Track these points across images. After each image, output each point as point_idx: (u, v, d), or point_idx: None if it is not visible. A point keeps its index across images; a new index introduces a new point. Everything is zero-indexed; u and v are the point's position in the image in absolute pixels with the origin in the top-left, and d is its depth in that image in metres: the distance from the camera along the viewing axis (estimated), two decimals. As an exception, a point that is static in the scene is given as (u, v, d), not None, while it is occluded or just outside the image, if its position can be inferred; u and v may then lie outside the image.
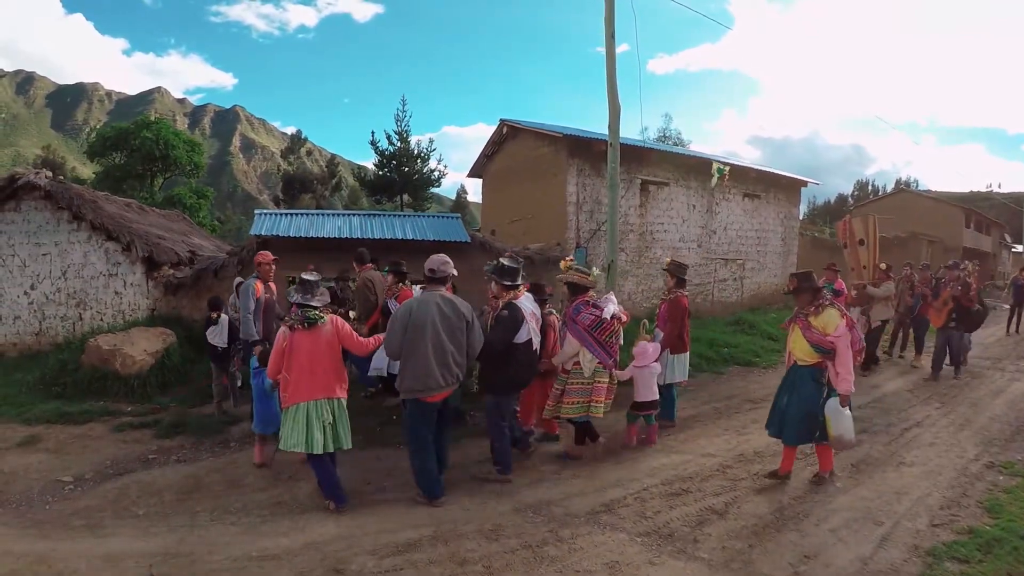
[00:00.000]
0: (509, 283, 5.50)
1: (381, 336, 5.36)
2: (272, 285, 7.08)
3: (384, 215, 12.82)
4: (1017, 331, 16.16)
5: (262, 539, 4.49)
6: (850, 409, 5.29)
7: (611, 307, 5.90)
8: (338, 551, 4.27)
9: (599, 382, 5.87)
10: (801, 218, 21.13)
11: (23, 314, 10.73)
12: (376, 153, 29.98)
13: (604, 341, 5.80)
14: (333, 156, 56.34)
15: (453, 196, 64.24)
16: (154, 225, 13.17)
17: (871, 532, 4.59)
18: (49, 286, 10.71)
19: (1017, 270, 18.14)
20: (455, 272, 5.28)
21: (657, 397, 6.58)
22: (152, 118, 34.32)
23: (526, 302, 5.63)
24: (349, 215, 12.26)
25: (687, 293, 7.28)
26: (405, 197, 30.59)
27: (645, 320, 6.95)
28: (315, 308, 4.95)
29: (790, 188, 18.79)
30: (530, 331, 5.53)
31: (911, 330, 11.77)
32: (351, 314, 7.97)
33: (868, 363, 10.34)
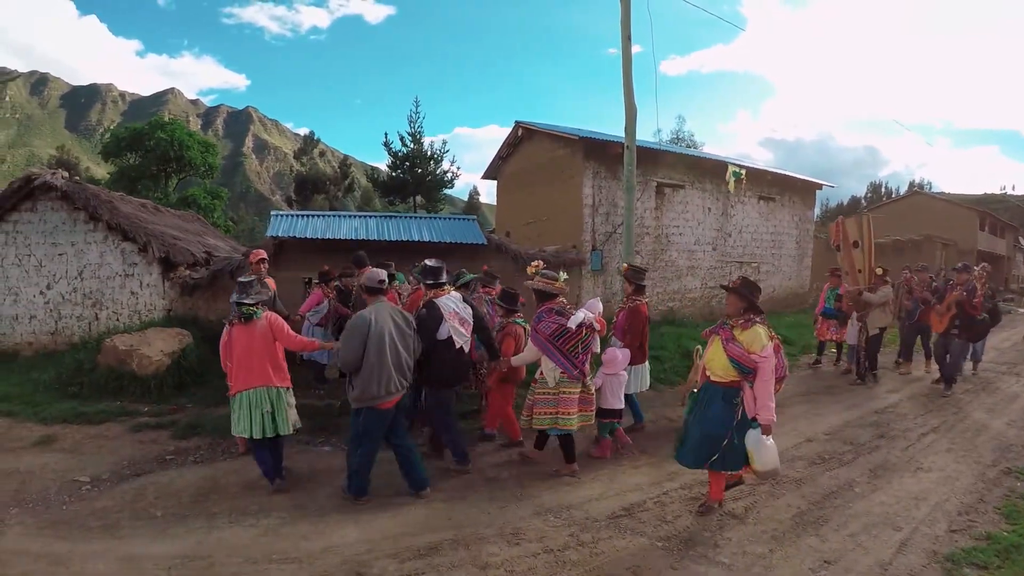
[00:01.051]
0: (431, 282, 5.72)
1: (319, 341, 6.23)
2: (269, 281, 7.55)
3: (400, 217, 12.90)
4: None
5: (281, 542, 4.52)
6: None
7: (580, 315, 5.66)
8: (358, 555, 4.31)
9: (565, 393, 5.67)
10: (815, 221, 21.06)
11: (39, 313, 10.79)
12: (389, 154, 30.06)
13: (567, 351, 5.58)
14: (346, 157, 56.35)
15: (466, 197, 64.45)
16: (169, 225, 13.20)
17: (890, 537, 4.63)
18: (65, 286, 10.77)
19: None
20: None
21: (622, 406, 6.48)
22: (166, 119, 34.47)
23: (448, 301, 5.66)
24: (365, 217, 12.33)
25: (647, 300, 7.06)
26: (418, 198, 30.68)
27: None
28: (250, 305, 5.39)
29: (804, 190, 18.74)
30: (450, 330, 5.57)
31: (910, 338, 11.17)
32: None
33: (861, 373, 10.04)
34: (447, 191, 33.29)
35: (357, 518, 4.93)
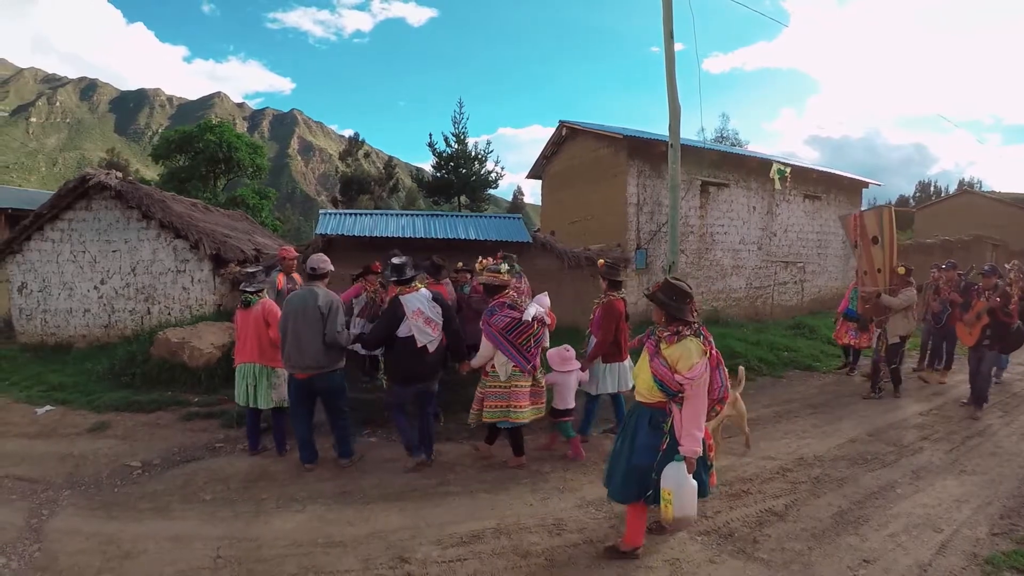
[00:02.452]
0: (396, 279, 5.84)
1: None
2: (296, 276, 7.91)
3: (446, 215, 13.11)
4: None
5: (327, 527, 4.68)
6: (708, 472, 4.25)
7: (533, 309, 5.72)
8: (403, 540, 4.46)
9: (517, 386, 5.72)
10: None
11: (92, 307, 11.27)
12: (434, 155, 30.41)
13: (520, 344, 5.65)
14: (390, 158, 56.89)
15: (510, 198, 64.62)
16: (219, 224, 13.61)
17: (930, 539, 4.62)
18: (119, 281, 11.22)
19: None
20: (332, 268, 6.08)
21: (572, 405, 6.39)
22: (215, 121, 35.27)
23: (415, 299, 5.69)
24: (412, 215, 12.56)
25: (623, 296, 6.83)
26: (462, 198, 30.95)
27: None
28: (249, 292, 6.26)
29: (851, 189, 18.42)
30: (412, 327, 5.59)
31: (936, 342, 10.44)
32: None
33: (875, 384, 9.05)
34: (491, 191, 33.52)
35: (403, 506, 5.09)
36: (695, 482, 3.93)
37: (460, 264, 8.62)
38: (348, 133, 59.77)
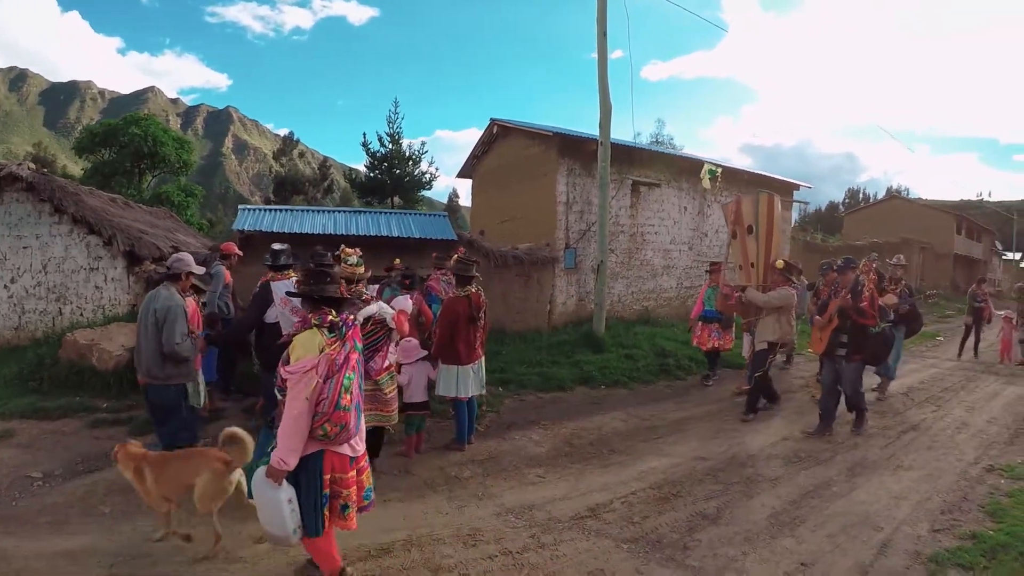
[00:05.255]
0: (270, 264, 5.69)
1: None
2: (226, 273, 7.67)
3: (370, 212, 12.59)
4: (975, 355, 13.21)
5: (227, 541, 4.24)
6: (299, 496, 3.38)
7: (371, 308, 5.24)
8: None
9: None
10: (792, 225, 20.93)
11: (2, 308, 10.52)
12: (367, 155, 29.82)
13: None
14: (325, 158, 55.85)
15: (445, 200, 64.20)
16: (138, 220, 12.92)
17: (870, 538, 4.41)
18: (29, 280, 10.49)
19: (975, 283, 14.36)
20: (196, 270, 5.53)
21: (425, 399, 6.16)
22: (141, 115, 33.85)
23: (283, 286, 5.48)
24: (334, 211, 12.06)
25: (472, 293, 6.23)
26: (396, 199, 30.36)
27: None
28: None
29: (782, 192, 18.60)
30: (279, 315, 5.44)
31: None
32: None
33: (752, 403, 7.70)
34: (425, 193, 32.99)
35: None
36: (282, 497, 3.28)
37: (397, 261, 8.32)
38: (283, 132, 58.45)
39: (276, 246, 5.76)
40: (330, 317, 3.41)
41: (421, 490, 5.26)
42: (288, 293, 5.05)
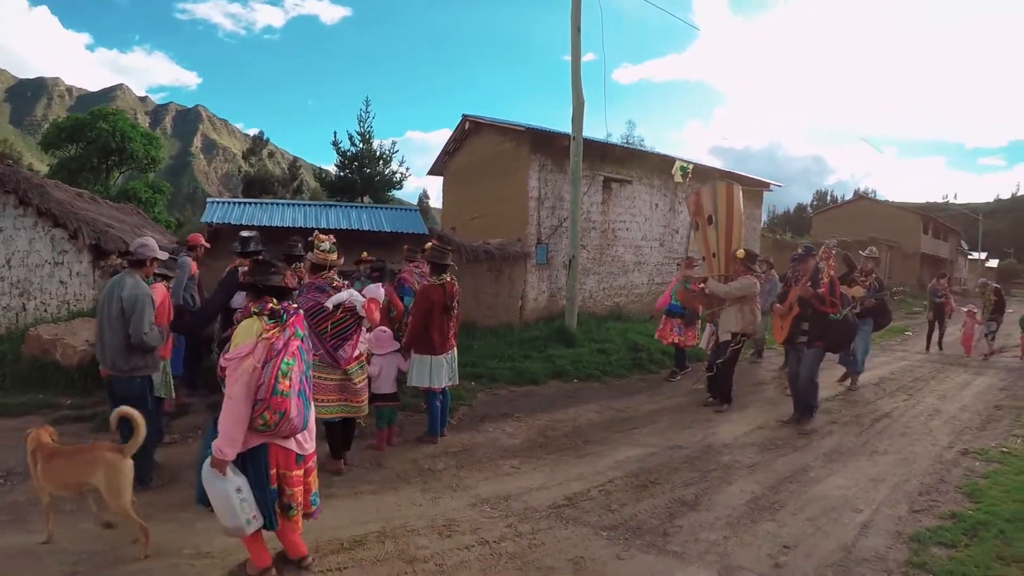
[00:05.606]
0: (239, 251, 5.86)
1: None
2: (192, 265, 7.42)
3: (340, 206, 12.36)
4: (940, 347, 13.71)
5: (196, 536, 4.12)
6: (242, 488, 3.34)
7: (342, 296, 5.14)
8: (277, 547, 3.83)
9: (318, 378, 5.02)
10: (762, 224, 21.15)
11: None
12: (338, 154, 29.41)
13: (318, 331, 5.00)
14: (295, 159, 55.14)
15: (415, 201, 63.86)
16: (105, 215, 12.56)
17: (851, 520, 4.39)
18: None
19: (935, 278, 14.92)
20: (159, 255, 5.28)
21: (394, 390, 6.02)
22: (110, 110, 33.04)
23: None
24: (305, 205, 11.84)
25: (446, 281, 6.09)
26: (366, 199, 30.02)
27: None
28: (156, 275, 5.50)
29: (753, 191, 18.78)
30: (241, 299, 5.28)
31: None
32: None
33: (725, 391, 7.62)
34: (396, 193, 32.62)
35: None
36: (229, 488, 3.26)
37: (364, 254, 8.25)
38: (253, 132, 57.43)
39: (245, 233, 5.81)
40: (271, 304, 3.37)
41: (394, 482, 5.12)
42: (236, 285, 4.94)
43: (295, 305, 3.59)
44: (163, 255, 5.38)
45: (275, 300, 3.41)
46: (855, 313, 7.30)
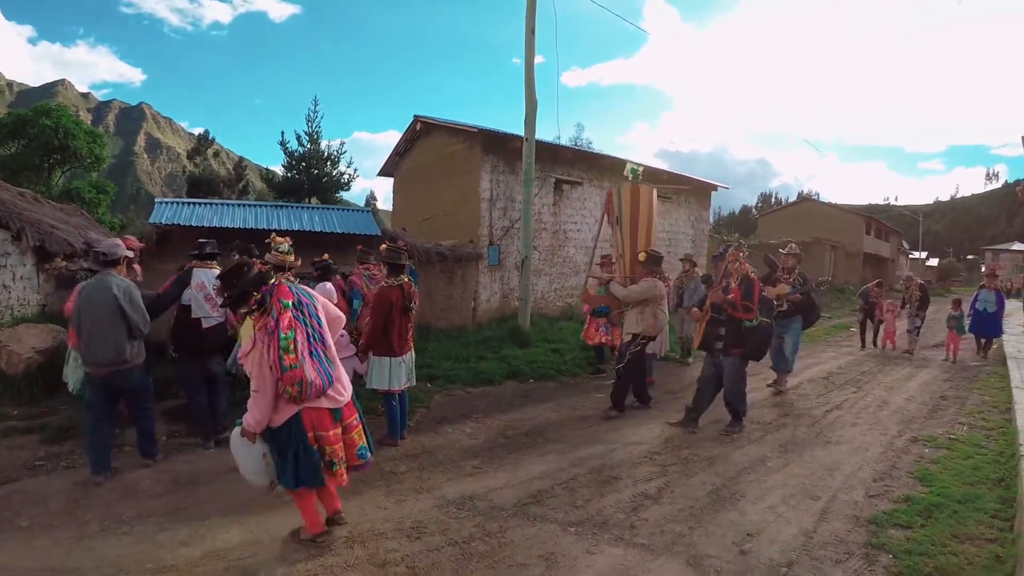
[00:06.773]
0: (195, 253, 5.88)
1: None
2: (136, 268, 7.18)
3: (291, 207, 12.12)
4: (875, 344, 14.00)
5: (158, 550, 3.98)
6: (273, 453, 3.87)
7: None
8: (243, 558, 3.82)
9: None
10: (709, 226, 21.57)
11: None
12: (285, 154, 28.89)
13: None
14: (241, 159, 53.75)
15: (362, 202, 63.10)
16: (49, 216, 11.98)
17: (810, 507, 4.52)
18: None
19: (871, 284, 15.46)
20: (129, 253, 5.57)
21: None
22: (53, 105, 31.74)
23: (204, 274, 5.73)
24: (255, 205, 11.53)
25: (403, 283, 5.99)
26: (314, 200, 29.55)
27: None
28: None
29: (701, 192, 19.14)
30: (191, 298, 5.68)
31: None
32: None
33: (618, 399, 7.35)
34: (343, 194, 32.18)
35: (243, 520, 4.38)
36: (256, 453, 3.83)
37: (326, 256, 7.96)
38: (198, 131, 55.80)
39: (203, 240, 5.97)
40: (254, 298, 3.67)
41: (356, 486, 4.93)
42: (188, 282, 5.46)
43: (273, 281, 3.79)
44: (130, 253, 5.64)
45: (256, 292, 3.68)
46: (781, 311, 7.39)
